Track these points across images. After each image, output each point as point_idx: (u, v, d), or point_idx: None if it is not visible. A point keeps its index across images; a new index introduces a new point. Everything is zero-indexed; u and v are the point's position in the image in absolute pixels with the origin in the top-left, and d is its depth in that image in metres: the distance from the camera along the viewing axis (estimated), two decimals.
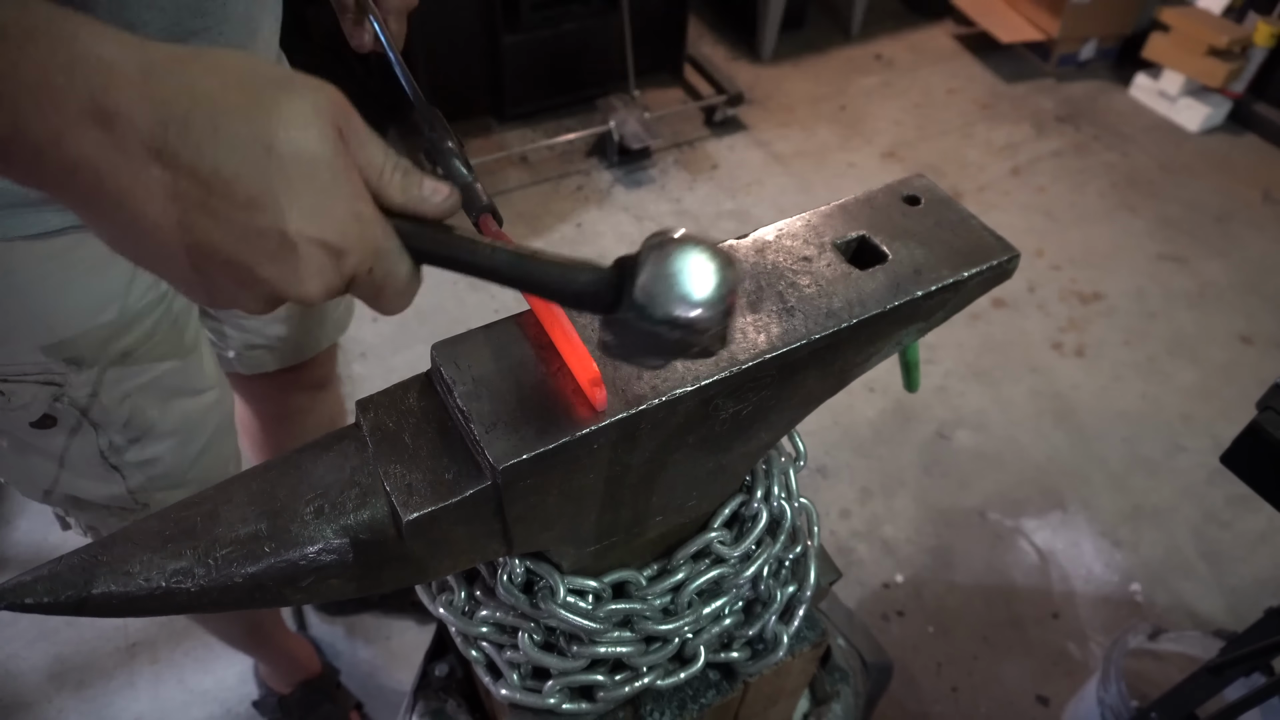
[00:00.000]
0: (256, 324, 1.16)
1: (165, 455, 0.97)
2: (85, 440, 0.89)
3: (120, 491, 0.96)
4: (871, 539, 2.01)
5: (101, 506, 0.97)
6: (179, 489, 1.00)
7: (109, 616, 0.53)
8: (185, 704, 1.72)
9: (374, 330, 2.43)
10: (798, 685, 0.94)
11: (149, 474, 0.97)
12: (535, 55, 2.91)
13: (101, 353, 0.85)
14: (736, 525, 0.75)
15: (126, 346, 0.87)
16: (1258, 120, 3.21)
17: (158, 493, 0.99)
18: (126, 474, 0.95)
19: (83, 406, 0.86)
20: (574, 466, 0.55)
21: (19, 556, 1.93)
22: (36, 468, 0.91)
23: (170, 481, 1.00)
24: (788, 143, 3.13)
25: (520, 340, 0.58)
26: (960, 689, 1.78)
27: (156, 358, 0.90)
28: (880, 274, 0.62)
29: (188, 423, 0.98)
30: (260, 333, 1.18)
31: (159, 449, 0.96)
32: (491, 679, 0.75)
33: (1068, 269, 2.68)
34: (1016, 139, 3.18)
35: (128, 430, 0.91)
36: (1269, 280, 2.67)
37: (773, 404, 0.63)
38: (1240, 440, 0.97)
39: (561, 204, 2.83)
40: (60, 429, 0.87)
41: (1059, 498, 2.10)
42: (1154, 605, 1.91)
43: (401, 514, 0.52)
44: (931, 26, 3.76)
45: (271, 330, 1.18)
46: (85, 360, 0.84)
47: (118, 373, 0.87)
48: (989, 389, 2.34)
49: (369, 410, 0.58)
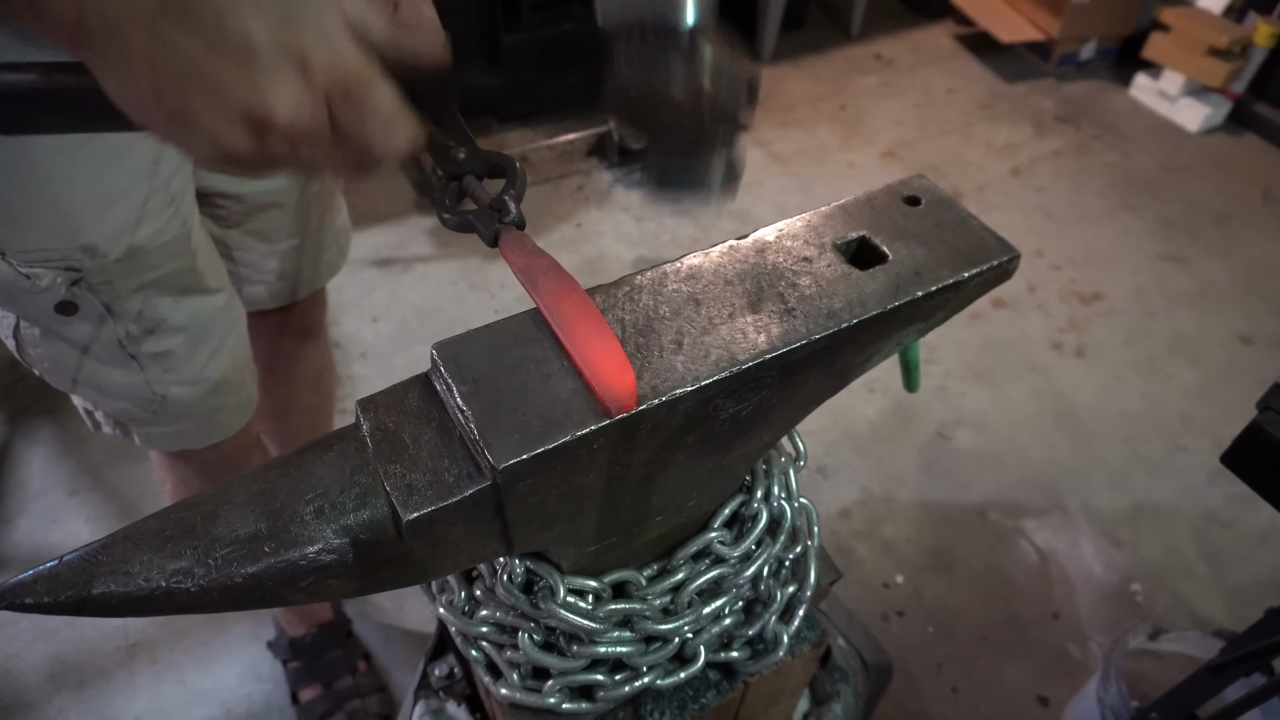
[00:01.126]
0: (254, 258, 1.21)
1: (178, 349, 1.03)
2: (105, 328, 0.95)
3: (138, 381, 1.02)
4: (871, 539, 2.01)
5: (122, 397, 1.04)
6: (192, 385, 1.07)
7: (109, 616, 0.53)
8: (185, 704, 1.73)
9: (374, 330, 2.43)
10: (798, 685, 0.94)
11: (164, 366, 1.03)
12: (535, 55, 2.91)
13: (114, 244, 0.90)
14: (736, 525, 0.75)
15: (139, 242, 0.92)
16: (1258, 120, 3.21)
17: (173, 386, 1.05)
18: (144, 364, 1.01)
19: (99, 294, 0.93)
20: (574, 467, 0.55)
21: (19, 556, 1.93)
22: (62, 354, 0.98)
23: (184, 376, 1.06)
24: (788, 143, 3.13)
25: (521, 340, 0.58)
26: (960, 689, 1.78)
27: (167, 255, 0.96)
28: (880, 274, 0.62)
29: (198, 320, 1.04)
30: (257, 267, 1.23)
31: (172, 342, 1.02)
32: (491, 679, 0.75)
33: (1068, 269, 2.68)
34: (1016, 139, 3.18)
35: (141, 321, 0.97)
36: (1269, 280, 2.67)
37: (773, 404, 0.63)
38: (1240, 440, 0.97)
39: (561, 204, 2.83)
40: (81, 316, 0.93)
41: (1059, 498, 2.10)
42: (1154, 605, 1.91)
43: (401, 514, 0.52)
44: (931, 26, 3.76)
45: (268, 265, 1.23)
46: (99, 250, 0.89)
47: (130, 264, 0.93)
48: (989, 389, 2.34)
49: (369, 410, 0.58)
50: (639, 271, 0.62)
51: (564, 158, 3.00)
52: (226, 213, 1.14)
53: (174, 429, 1.11)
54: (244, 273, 1.23)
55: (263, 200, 1.14)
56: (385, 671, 1.78)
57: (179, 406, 1.08)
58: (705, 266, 0.63)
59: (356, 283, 2.55)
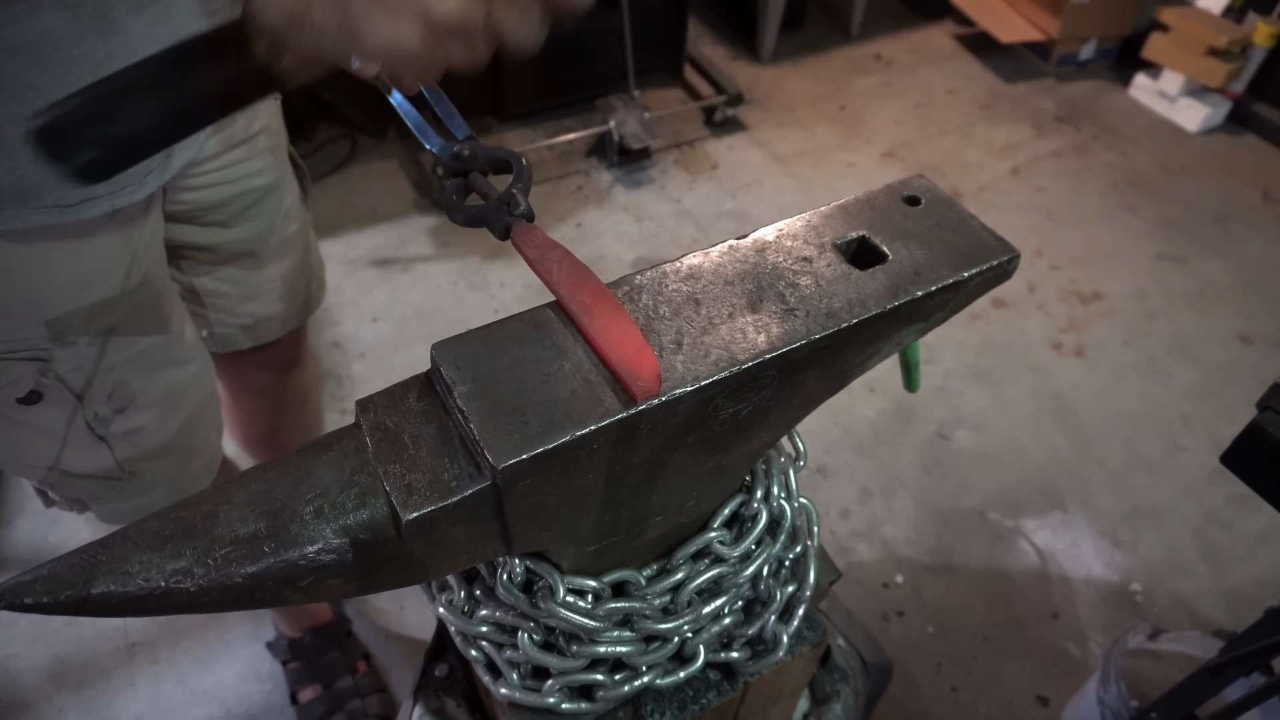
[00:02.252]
0: (228, 303, 1.19)
1: (150, 424, 1.00)
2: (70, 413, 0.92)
3: (109, 463, 0.99)
4: (871, 539, 2.01)
5: (89, 477, 1.00)
6: (165, 457, 1.04)
7: (109, 616, 0.53)
8: (185, 704, 1.73)
9: (374, 330, 2.43)
10: (798, 685, 0.94)
11: (135, 443, 0.99)
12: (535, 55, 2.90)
13: (87, 328, 0.88)
14: (736, 525, 0.75)
15: (111, 323, 0.90)
16: (1257, 120, 3.21)
17: (144, 461, 1.02)
18: (113, 444, 0.98)
19: (68, 380, 0.89)
20: (573, 466, 0.55)
21: (19, 556, 1.93)
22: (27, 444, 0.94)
23: (156, 450, 1.02)
24: (787, 143, 3.13)
25: (521, 340, 0.58)
26: (960, 689, 1.78)
27: (139, 332, 0.93)
28: (880, 274, 0.62)
29: (170, 393, 1.01)
30: (232, 311, 1.21)
31: (144, 418, 0.99)
32: (491, 678, 0.75)
33: (1067, 269, 2.68)
34: (1016, 139, 3.18)
35: (112, 401, 0.94)
36: (1269, 280, 2.67)
37: (773, 404, 0.63)
38: (1240, 440, 0.97)
39: (561, 204, 2.83)
40: (46, 404, 0.89)
41: (1059, 498, 2.10)
42: (1154, 605, 1.91)
43: (401, 514, 0.52)
44: (931, 26, 3.76)
45: (245, 308, 1.21)
46: (70, 336, 0.87)
47: (102, 346, 0.90)
48: (989, 389, 2.34)
49: (369, 410, 0.58)
50: (639, 271, 0.62)
51: (564, 158, 3.00)
52: (198, 262, 1.11)
53: (140, 502, 1.07)
54: (219, 317, 1.20)
55: (236, 248, 1.11)
56: (385, 671, 1.78)
57: (147, 480, 1.05)
58: (705, 266, 0.63)
59: (356, 283, 2.55)
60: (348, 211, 2.77)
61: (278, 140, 1.10)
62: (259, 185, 1.07)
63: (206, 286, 1.14)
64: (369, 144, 3.00)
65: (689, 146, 3.10)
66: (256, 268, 1.16)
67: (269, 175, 1.08)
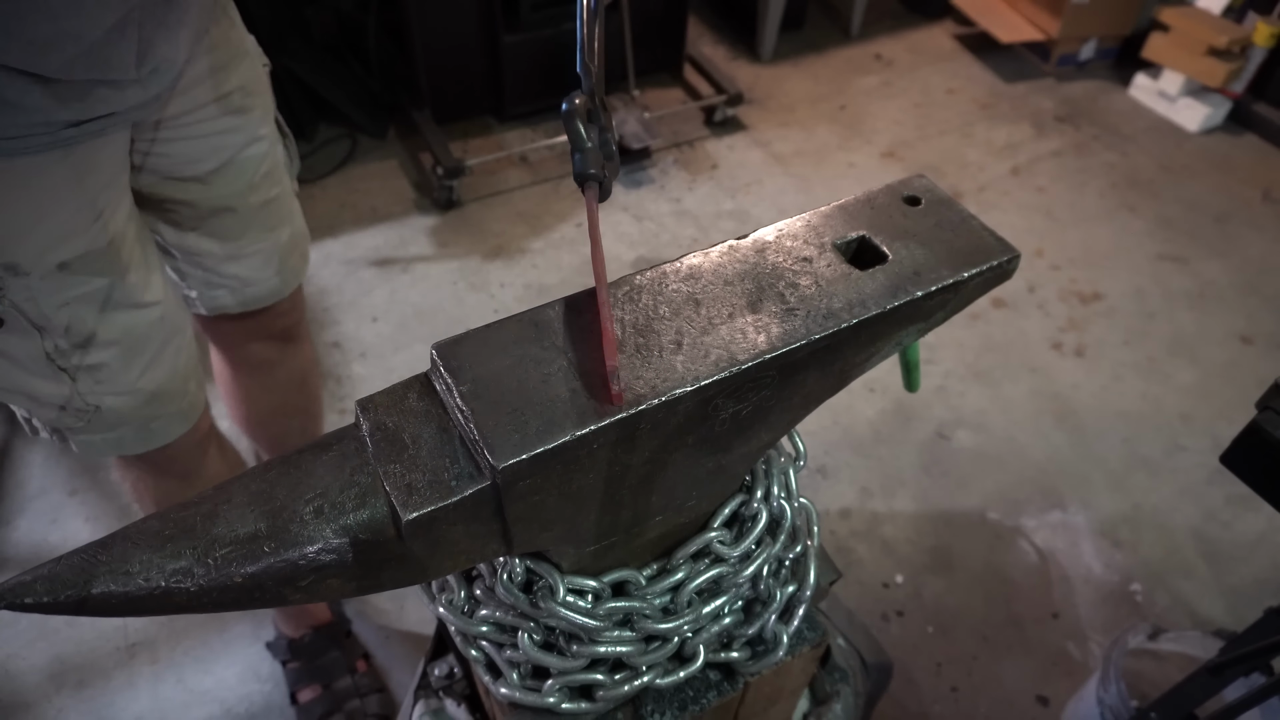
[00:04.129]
0: (212, 262, 1.22)
1: (111, 362, 1.04)
2: (32, 342, 0.96)
3: (69, 392, 1.03)
4: (871, 539, 2.01)
5: (59, 408, 1.04)
6: (127, 395, 1.07)
7: (109, 616, 0.53)
8: (185, 704, 1.73)
9: (374, 330, 2.43)
10: (798, 685, 0.94)
11: (96, 378, 1.03)
12: (535, 55, 2.91)
13: (38, 262, 0.91)
14: (736, 525, 0.75)
15: (62, 258, 0.93)
16: (1257, 120, 3.21)
17: (107, 397, 1.06)
18: (75, 376, 1.02)
19: (24, 310, 0.93)
20: (573, 466, 0.55)
21: (19, 556, 1.93)
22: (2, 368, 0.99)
23: (117, 388, 1.06)
24: (787, 143, 3.13)
25: (521, 340, 0.58)
26: (960, 689, 1.78)
27: (92, 273, 0.97)
28: (880, 274, 0.62)
29: (130, 334, 1.04)
30: (217, 271, 1.23)
31: (103, 355, 1.03)
32: (491, 678, 0.75)
33: (1067, 269, 2.68)
34: (1016, 139, 3.18)
35: (70, 336, 0.98)
36: (1269, 280, 2.67)
37: (773, 404, 0.63)
38: (1240, 440, 0.97)
39: (561, 204, 2.83)
40: (9, 330, 0.94)
41: (1059, 498, 2.10)
42: (1154, 605, 1.91)
43: (401, 514, 0.52)
44: (931, 26, 3.76)
45: (229, 269, 1.24)
46: (21, 268, 0.90)
47: (55, 281, 0.94)
48: (989, 389, 2.34)
49: (369, 410, 0.58)
50: (639, 271, 0.62)
51: (564, 158, 3.00)
52: (180, 218, 1.14)
53: (110, 436, 1.11)
54: (204, 276, 1.23)
55: (215, 204, 1.15)
56: (385, 671, 1.78)
57: (114, 416, 1.08)
58: (705, 266, 0.63)
59: (356, 282, 2.55)
60: (347, 211, 2.77)
61: (255, 102, 1.14)
62: (234, 142, 1.12)
63: (190, 244, 1.18)
64: (369, 144, 3.00)
65: (689, 146, 3.10)
66: (239, 226, 1.19)
67: (244, 134, 1.13)
